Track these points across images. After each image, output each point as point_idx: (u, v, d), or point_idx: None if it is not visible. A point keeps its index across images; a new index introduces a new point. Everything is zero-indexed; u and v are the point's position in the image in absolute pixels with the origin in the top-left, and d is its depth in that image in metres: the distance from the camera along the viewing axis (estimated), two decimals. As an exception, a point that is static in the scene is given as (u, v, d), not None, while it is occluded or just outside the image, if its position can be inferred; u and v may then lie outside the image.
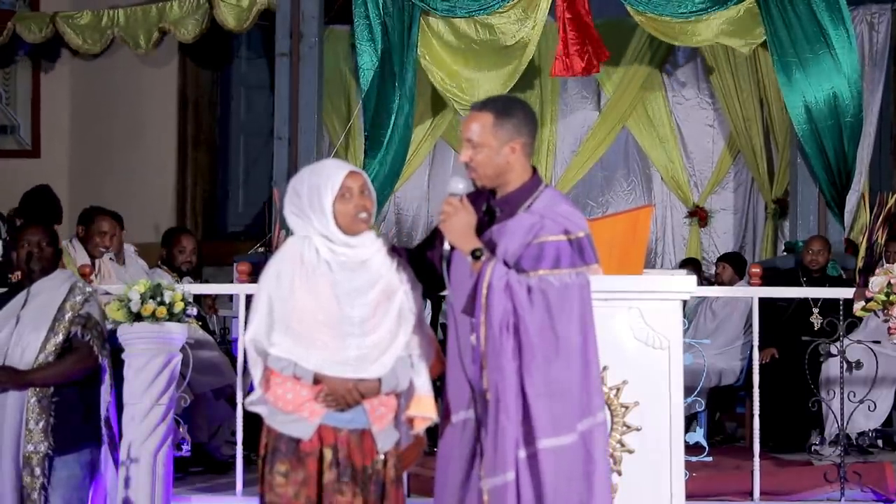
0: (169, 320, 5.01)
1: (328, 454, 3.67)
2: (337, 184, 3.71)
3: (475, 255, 3.60)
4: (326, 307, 3.65)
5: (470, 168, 3.74)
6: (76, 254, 6.76)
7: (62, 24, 9.89)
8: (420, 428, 3.78)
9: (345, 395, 3.65)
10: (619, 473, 4.53)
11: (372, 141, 8.97)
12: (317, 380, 3.66)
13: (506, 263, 3.62)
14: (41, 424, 4.83)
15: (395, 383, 3.72)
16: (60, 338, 4.88)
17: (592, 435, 3.61)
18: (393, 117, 8.88)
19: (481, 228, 3.71)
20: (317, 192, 3.70)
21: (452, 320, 3.72)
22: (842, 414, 5.93)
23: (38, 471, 4.81)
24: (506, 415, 3.53)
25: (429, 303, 6.76)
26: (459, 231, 3.63)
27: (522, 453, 3.55)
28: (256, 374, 3.74)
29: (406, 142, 9.11)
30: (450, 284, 3.74)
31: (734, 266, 8.59)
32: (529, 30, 8.98)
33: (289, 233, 3.87)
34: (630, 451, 4.56)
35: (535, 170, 3.78)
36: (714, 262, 9.31)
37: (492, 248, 3.66)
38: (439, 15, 8.99)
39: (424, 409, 3.75)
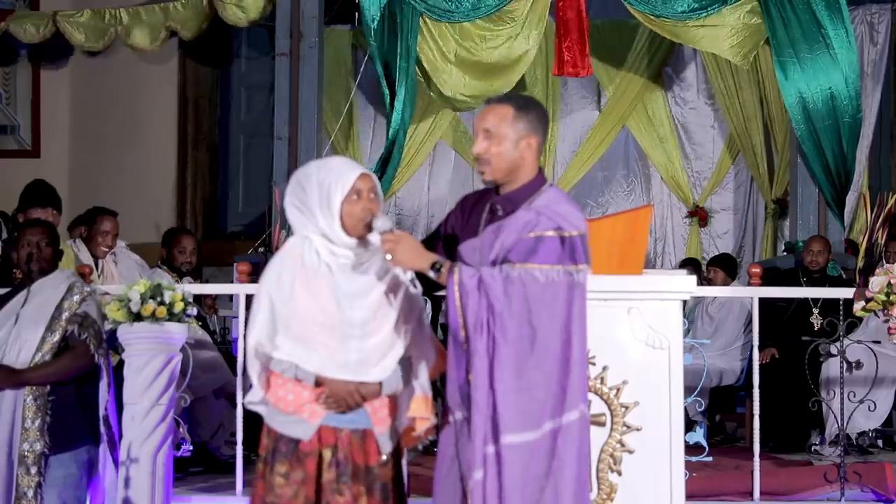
0: (169, 320, 5.00)
1: (327, 454, 3.67)
2: (348, 184, 3.68)
3: (435, 267, 3.59)
4: (327, 309, 3.65)
5: (482, 160, 3.71)
6: (80, 254, 6.76)
7: (63, 23, 9.89)
8: (420, 429, 3.77)
9: (346, 398, 3.65)
10: (619, 473, 4.52)
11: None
12: (318, 382, 3.66)
13: (494, 262, 3.61)
14: (37, 423, 4.83)
15: (395, 386, 3.72)
16: (57, 337, 4.88)
17: (564, 432, 3.57)
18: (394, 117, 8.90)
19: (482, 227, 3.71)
20: (326, 190, 3.67)
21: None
22: (842, 414, 5.93)
23: (33, 470, 4.81)
24: (477, 411, 3.52)
25: (429, 303, 6.76)
26: (409, 256, 3.61)
27: (490, 449, 3.53)
28: (254, 374, 3.74)
29: (401, 144, 9.12)
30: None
31: (725, 269, 8.58)
32: (525, 44, 9.00)
33: (289, 233, 3.86)
34: (630, 451, 4.55)
35: (541, 170, 3.79)
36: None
37: (490, 244, 3.65)
38: (437, 20, 8.98)
39: (423, 411, 3.75)
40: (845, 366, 5.96)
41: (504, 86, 9.06)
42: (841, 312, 5.80)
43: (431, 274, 3.60)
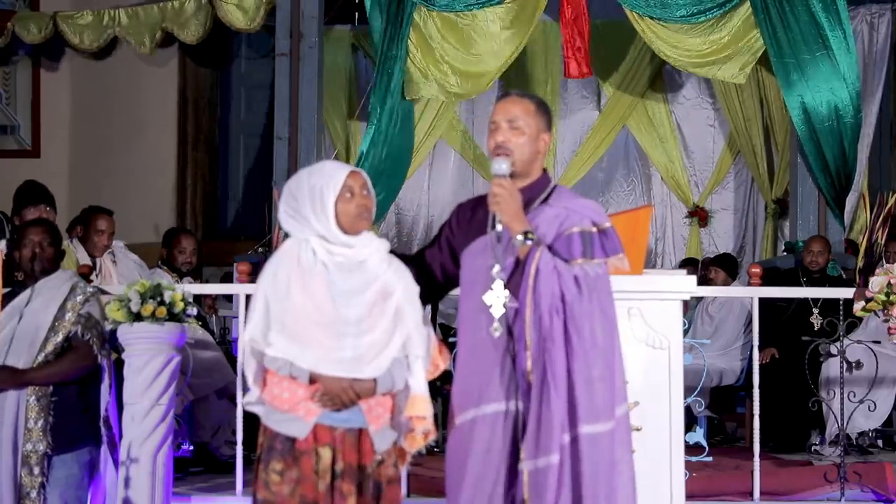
0: (169, 320, 5.00)
1: (324, 453, 3.67)
2: (339, 183, 3.71)
3: (527, 235, 3.62)
4: (322, 307, 3.66)
5: (503, 148, 3.73)
6: (77, 254, 6.76)
7: (62, 24, 9.90)
8: (419, 429, 3.77)
9: (340, 395, 3.65)
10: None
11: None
12: (313, 379, 3.67)
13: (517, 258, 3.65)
14: (40, 423, 4.83)
15: (390, 384, 3.72)
16: (60, 337, 4.89)
17: (622, 423, 3.66)
18: (388, 109, 8.91)
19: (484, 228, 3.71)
20: (319, 192, 3.70)
21: (469, 314, 3.71)
22: (842, 414, 5.93)
23: (36, 470, 4.82)
24: (556, 396, 3.55)
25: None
26: (513, 212, 3.64)
27: (566, 437, 3.57)
28: (249, 373, 3.75)
29: (409, 140, 9.13)
30: (465, 277, 3.75)
31: (725, 268, 8.58)
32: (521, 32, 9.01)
33: (288, 234, 3.87)
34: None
35: (545, 170, 3.86)
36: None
37: (510, 239, 3.67)
38: (435, 10, 8.97)
39: (420, 410, 3.75)
40: (845, 366, 5.96)
41: (487, 84, 9.12)
42: (841, 312, 5.80)
43: (518, 238, 3.62)
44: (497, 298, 3.64)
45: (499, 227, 3.65)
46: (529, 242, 3.61)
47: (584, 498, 3.55)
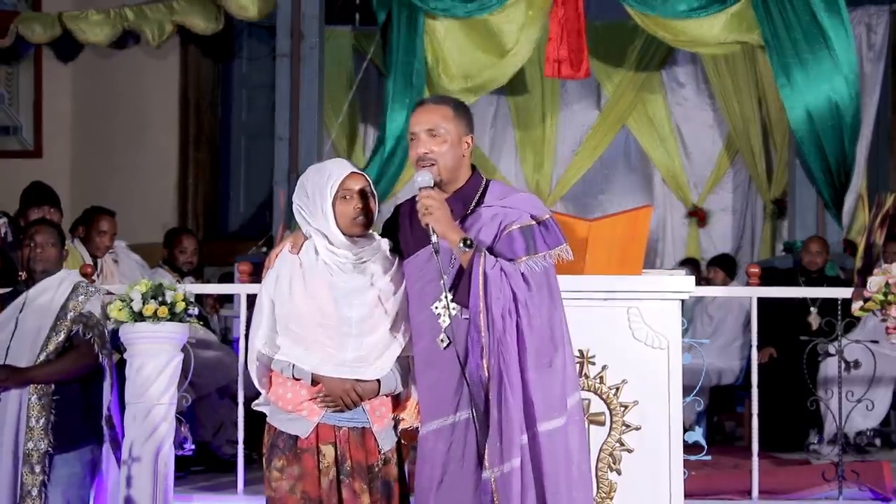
0: (170, 320, 5.02)
1: (328, 451, 3.70)
2: (337, 184, 3.73)
3: (466, 243, 3.57)
4: (324, 308, 3.68)
5: (427, 159, 3.69)
6: (80, 254, 6.79)
7: (70, 23, 9.94)
8: (400, 429, 3.81)
9: (342, 397, 3.67)
10: (619, 473, 4.55)
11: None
12: (316, 380, 3.69)
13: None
14: (41, 422, 4.86)
15: (393, 384, 3.75)
16: (62, 336, 4.91)
17: (577, 409, 3.68)
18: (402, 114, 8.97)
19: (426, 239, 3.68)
20: (319, 191, 3.73)
21: (419, 326, 3.70)
22: (840, 413, 5.94)
23: (38, 468, 4.84)
24: (513, 399, 3.55)
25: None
26: (446, 221, 3.60)
27: (524, 438, 3.58)
28: (255, 375, 3.78)
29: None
30: (412, 288, 3.73)
31: (725, 269, 8.60)
32: (529, 31, 9.03)
33: (292, 232, 3.90)
34: (629, 451, 4.57)
35: (474, 167, 3.82)
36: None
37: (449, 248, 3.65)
38: (438, 14, 9.01)
39: (411, 417, 3.78)
40: (843, 365, 5.98)
41: (494, 83, 9.15)
42: (839, 312, 5.82)
43: (459, 247, 3.58)
44: (444, 309, 3.64)
45: (434, 239, 3.59)
46: (469, 249, 3.57)
47: (547, 493, 3.56)
